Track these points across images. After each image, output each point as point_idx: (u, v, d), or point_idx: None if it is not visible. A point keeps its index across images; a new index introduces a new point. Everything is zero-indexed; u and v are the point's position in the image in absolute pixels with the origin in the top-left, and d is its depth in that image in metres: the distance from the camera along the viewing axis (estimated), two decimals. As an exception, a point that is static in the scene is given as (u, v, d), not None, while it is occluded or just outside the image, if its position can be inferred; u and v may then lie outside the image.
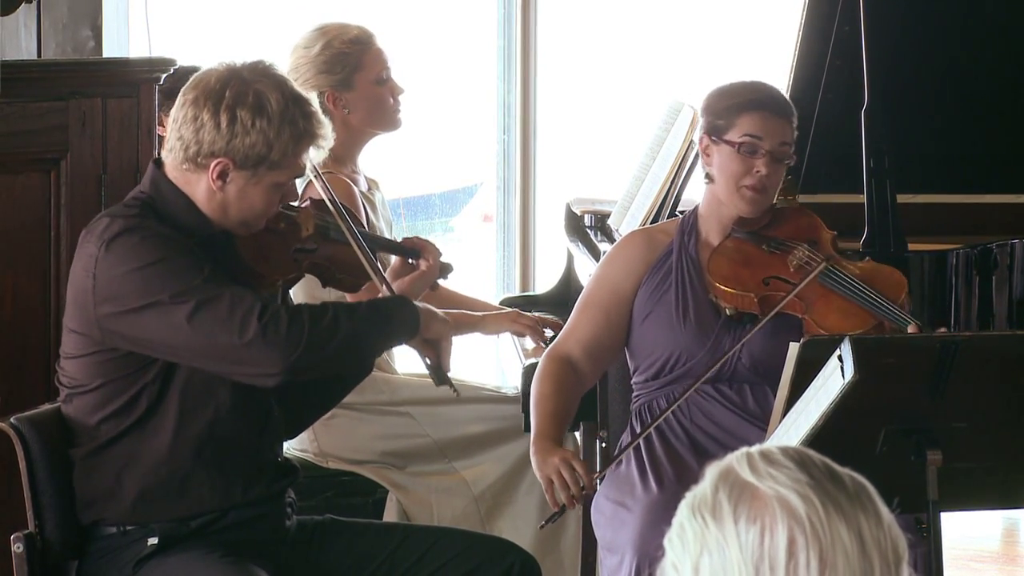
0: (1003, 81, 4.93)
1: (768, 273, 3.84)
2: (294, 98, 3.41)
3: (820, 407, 3.10)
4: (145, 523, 3.42)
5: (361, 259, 3.58)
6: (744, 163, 3.82)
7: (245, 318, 3.29)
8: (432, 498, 4.55)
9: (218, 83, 3.38)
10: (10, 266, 4.11)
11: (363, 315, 3.41)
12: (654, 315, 3.90)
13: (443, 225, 6.91)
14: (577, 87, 6.91)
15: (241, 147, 3.36)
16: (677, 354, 3.87)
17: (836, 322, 3.75)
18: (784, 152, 3.84)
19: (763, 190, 3.83)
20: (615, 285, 3.94)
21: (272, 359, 3.29)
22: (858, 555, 1.77)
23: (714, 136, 3.85)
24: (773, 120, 3.83)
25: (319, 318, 3.35)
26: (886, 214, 4.37)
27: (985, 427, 3.30)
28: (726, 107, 3.85)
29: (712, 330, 3.86)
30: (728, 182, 3.85)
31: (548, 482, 3.70)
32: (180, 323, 3.29)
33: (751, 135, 3.81)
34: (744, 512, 1.78)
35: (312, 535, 3.62)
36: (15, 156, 4.13)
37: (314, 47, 4.55)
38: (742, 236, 3.89)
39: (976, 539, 5.92)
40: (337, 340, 3.35)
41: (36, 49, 4.76)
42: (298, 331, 3.30)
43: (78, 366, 3.44)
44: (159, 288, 3.30)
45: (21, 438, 3.43)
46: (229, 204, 3.41)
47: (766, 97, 3.88)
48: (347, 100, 4.55)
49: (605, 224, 4.96)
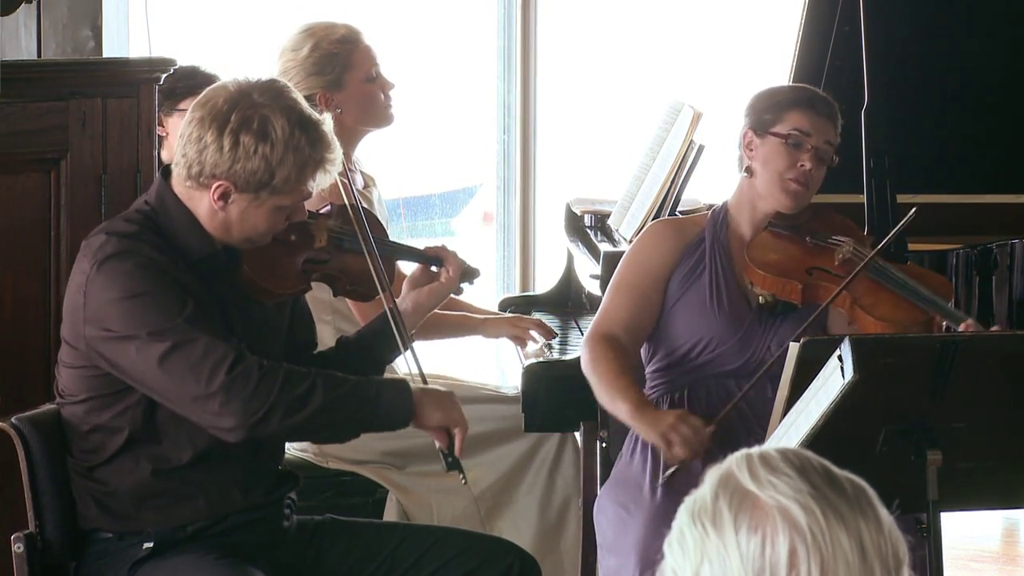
0: (1003, 81, 4.93)
1: (813, 264, 3.87)
2: (301, 124, 3.36)
3: (820, 407, 3.10)
4: (141, 531, 3.42)
5: (372, 274, 3.56)
6: (790, 156, 3.87)
7: (215, 368, 3.25)
8: (432, 498, 4.54)
9: (226, 104, 3.34)
10: (10, 266, 4.11)
11: (346, 392, 3.35)
12: (685, 300, 3.92)
13: (443, 226, 6.91)
14: (577, 87, 6.91)
15: (243, 172, 3.33)
16: (707, 340, 3.88)
17: (889, 312, 3.78)
18: (828, 151, 3.89)
19: (806, 185, 3.88)
20: (650, 267, 3.96)
21: (233, 414, 3.26)
22: (859, 563, 1.76)
23: (760, 130, 3.90)
24: (820, 119, 3.89)
25: (294, 384, 3.29)
26: (886, 214, 4.37)
27: (985, 427, 3.30)
28: (775, 103, 3.91)
29: (744, 318, 3.89)
30: (772, 175, 3.89)
31: (666, 442, 3.70)
32: (152, 361, 3.28)
33: (799, 130, 3.87)
34: (745, 521, 1.78)
35: (312, 535, 3.62)
36: (15, 156, 4.13)
37: (302, 49, 4.55)
38: (781, 230, 3.91)
39: (976, 539, 5.92)
40: (307, 412, 3.29)
41: (36, 49, 4.76)
42: (265, 392, 3.26)
43: (70, 376, 3.44)
44: (139, 323, 3.28)
45: (21, 438, 3.43)
46: (231, 224, 3.39)
47: (816, 97, 3.94)
48: (339, 100, 4.55)
49: (605, 224, 4.96)
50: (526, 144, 6.41)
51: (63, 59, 4.79)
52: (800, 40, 4.72)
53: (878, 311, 3.78)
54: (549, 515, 4.60)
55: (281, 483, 3.57)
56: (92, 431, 3.42)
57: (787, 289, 3.84)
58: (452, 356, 5.59)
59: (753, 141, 3.90)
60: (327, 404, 3.31)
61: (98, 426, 3.41)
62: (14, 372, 4.06)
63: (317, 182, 3.41)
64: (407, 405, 3.40)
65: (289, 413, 3.28)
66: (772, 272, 3.85)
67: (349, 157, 4.62)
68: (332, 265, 3.57)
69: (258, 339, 3.46)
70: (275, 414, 3.27)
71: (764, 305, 3.87)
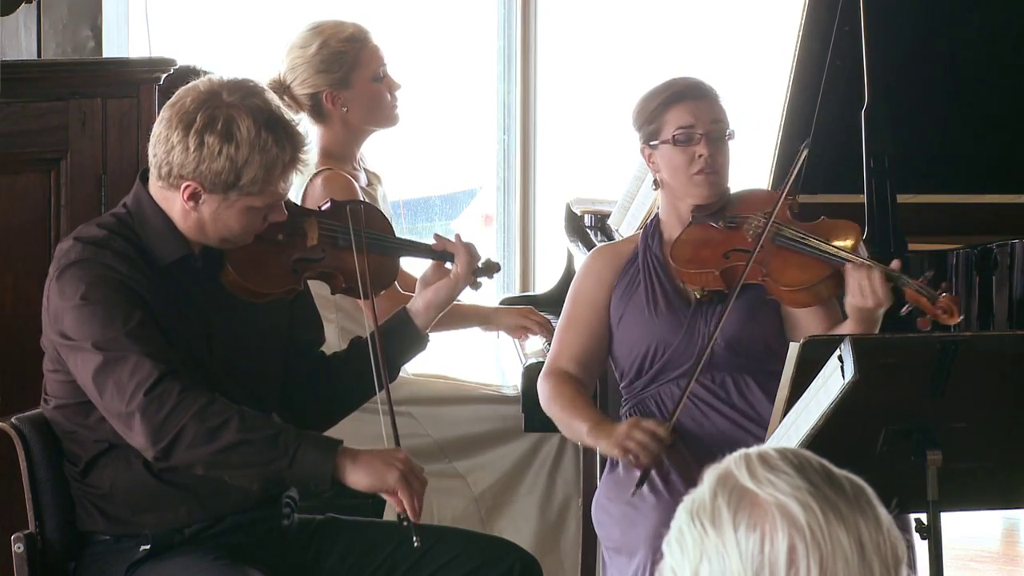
0: (1003, 81, 4.93)
1: (727, 247, 3.88)
2: (268, 124, 3.33)
3: (820, 407, 3.10)
4: (137, 534, 3.42)
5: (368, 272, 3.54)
6: (685, 153, 3.89)
7: (137, 387, 3.25)
8: (432, 498, 4.54)
9: (193, 104, 3.34)
10: (10, 266, 4.11)
11: (263, 437, 3.29)
12: (627, 314, 3.96)
13: (444, 227, 6.91)
14: (577, 87, 6.90)
15: (209, 172, 3.32)
16: (654, 346, 3.91)
17: (793, 276, 3.80)
18: (719, 129, 3.90)
19: (713, 170, 3.90)
20: (588, 298, 4.02)
21: (144, 436, 3.26)
22: (858, 560, 1.76)
23: (652, 142, 3.93)
24: (696, 104, 3.90)
25: (209, 415, 3.26)
26: (886, 214, 4.37)
27: (985, 427, 3.30)
28: (650, 112, 3.93)
29: (685, 316, 3.92)
30: (678, 176, 3.92)
31: (623, 451, 3.74)
32: (89, 373, 3.29)
33: (681, 126, 3.89)
34: (744, 519, 1.78)
35: (312, 534, 3.62)
36: (15, 156, 4.13)
37: (310, 47, 4.55)
38: (700, 220, 3.94)
39: (976, 539, 5.92)
40: (215, 446, 3.26)
41: (36, 49, 4.76)
42: (177, 419, 3.25)
43: (51, 380, 3.47)
44: (85, 332, 3.29)
45: (22, 438, 3.44)
46: (205, 224, 3.39)
47: (681, 87, 3.95)
48: (345, 99, 4.54)
49: (605, 224, 4.96)
50: (526, 144, 6.41)
51: (63, 59, 4.79)
52: (800, 40, 4.72)
53: (785, 277, 3.80)
54: (549, 515, 4.60)
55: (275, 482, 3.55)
56: (78, 434, 3.43)
57: (709, 279, 3.88)
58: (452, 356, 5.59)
59: (652, 155, 3.94)
60: (237, 443, 3.26)
61: (83, 428, 3.42)
62: (14, 372, 4.06)
63: (289, 183, 3.40)
64: (326, 467, 3.31)
65: (196, 443, 3.25)
66: (692, 267, 3.89)
67: (354, 155, 4.63)
68: (327, 263, 3.56)
69: (242, 342, 3.45)
70: (182, 441, 3.25)
71: (702, 298, 3.90)
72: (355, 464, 3.33)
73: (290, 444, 3.29)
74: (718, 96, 3.95)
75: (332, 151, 4.56)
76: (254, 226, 3.41)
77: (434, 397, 4.54)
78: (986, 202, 4.96)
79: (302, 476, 3.32)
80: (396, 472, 3.35)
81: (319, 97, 4.52)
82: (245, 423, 3.28)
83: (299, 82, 4.53)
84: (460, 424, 4.57)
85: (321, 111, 4.54)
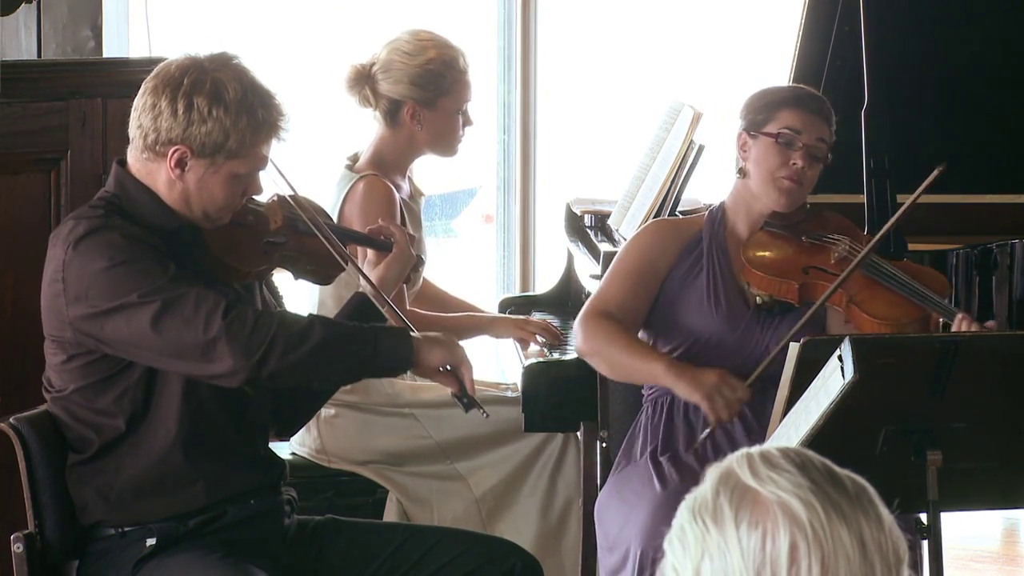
0: (1003, 81, 4.93)
1: (809, 263, 3.88)
2: (253, 88, 3.40)
3: (820, 407, 3.10)
4: (142, 523, 3.42)
5: (329, 248, 3.58)
6: (781, 155, 3.88)
7: (210, 315, 3.29)
8: (433, 499, 4.55)
9: (178, 71, 3.39)
10: (10, 266, 4.11)
11: (345, 332, 3.40)
12: (684, 297, 3.94)
13: (444, 227, 6.91)
14: (577, 87, 6.91)
15: (198, 135, 3.36)
16: (705, 339, 3.90)
17: (884, 310, 3.79)
18: (821, 149, 3.90)
19: (799, 183, 3.89)
20: (650, 259, 3.98)
21: (235, 356, 3.29)
22: (859, 559, 1.76)
23: (752, 131, 3.92)
24: (811, 117, 3.90)
25: (291, 322, 3.35)
26: (886, 214, 4.37)
27: (985, 427, 3.30)
28: (766, 103, 3.93)
29: (742, 318, 3.90)
30: (764, 174, 3.90)
31: (710, 400, 3.75)
32: (146, 323, 3.30)
33: (789, 128, 3.88)
34: (746, 517, 1.78)
35: (313, 535, 3.62)
36: (15, 156, 4.13)
37: (416, 57, 4.56)
38: (777, 229, 3.93)
39: (976, 539, 5.92)
40: (306, 347, 3.32)
41: (36, 49, 4.76)
42: (264, 332, 3.30)
43: (59, 373, 3.45)
44: (128, 288, 3.31)
45: (21, 438, 3.43)
46: (190, 194, 3.41)
47: (805, 95, 3.96)
48: (424, 117, 4.57)
49: (605, 224, 4.96)
50: (526, 144, 6.41)
51: (63, 59, 4.79)
52: (800, 40, 4.72)
53: (874, 308, 3.79)
54: (550, 517, 4.60)
55: (271, 466, 3.58)
56: (87, 421, 3.43)
57: (783, 289, 3.85)
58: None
59: (747, 142, 3.93)
60: (325, 341, 3.34)
61: (97, 413, 3.42)
62: (14, 372, 4.06)
63: (270, 148, 3.44)
64: (407, 346, 3.42)
65: (288, 349, 3.30)
66: (768, 272, 3.86)
67: (404, 168, 4.65)
68: (290, 246, 3.60)
69: None
70: (275, 351, 3.29)
71: (762, 305, 3.89)
72: (430, 344, 3.44)
73: (368, 335, 3.40)
74: (832, 119, 3.95)
75: (385, 157, 4.59)
76: (235, 198, 3.44)
77: (436, 399, 4.54)
78: (986, 202, 4.96)
79: (387, 361, 3.43)
80: (461, 348, 3.50)
81: (400, 105, 4.55)
82: (326, 323, 3.39)
83: (389, 83, 4.55)
84: (462, 425, 4.56)
85: (396, 118, 4.57)
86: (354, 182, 4.51)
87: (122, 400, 3.41)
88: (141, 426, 3.42)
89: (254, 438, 3.57)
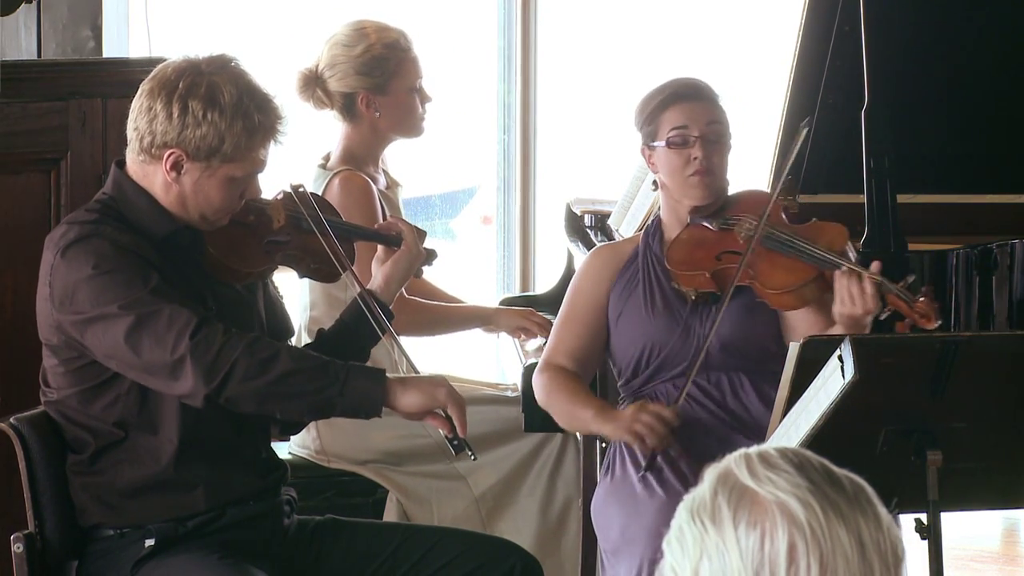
0: (1003, 81, 4.93)
1: (720, 249, 3.90)
2: (250, 91, 3.39)
3: (820, 407, 3.10)
4: (142, 525, 3.42)
5: (327, 251, 3.58)
6: (680, 155, 3.90)
7: (179, 334, 3.27)
8: (432, 498, 4.55)
9: (174, 74, 3.38)
10: (10, 266, 4.11)
11: (313, 366, 3.34)
12: (625, 313, 3.97)
13: (443, 226, 6.91)
14: (577, 87, 6.90)
15: (193, 138, 3.35)
16: (650, 346, 3.92)
17: (779, 279, 3.81)
18: (715, 131, 3.91)
19: (708, 172, 3.91)
20: (588, 295, 4.03)
21: (195, 378, 3.27)
22: (858, 559, 1.76)
23: (649, 143, 3.95)
24: (692, 105, 3.91)
25: (258, 348, 3.30)
26: (886, 214, 4.37)
27: (985, 427, 3.30)
28: (648, 113, 3.95)
29: (681, 316, 3.92)
30: (674, 179, 3.93)
31: (632, 433, 3.76)
32: (120, 336, 3.30)
33: (676, 127, 3.90)
34: (744, 517, 1.78)
35: (313, 535, 3.62)
36: (15, 156, 4.13)
37: (355, 47, 4.56)
38: (697, 221, 3.95)
39: (976, 539, 5.92)
40: (269, 377, 3.29)
41: (36, 49, 4.76)
42: (227, 355, 3.27)
43: (55, 376, 3.46)
44: (108, 298, 3.31)
45: (21, 438, 3.44)
46: (186, 197, 3.41)
47: (679, 88, 3.96)
48: (379, 104, 4.57)
49: (605, 224, 4.96)
50: (526, 144, 6.41)
51: (63, 59, 4.79)
52: (800, 40, 4.72)
53: (771, 280, 3.81)
54: (550, 517, 4.60)
55: (272, 469, 3.58)
56: (84, 424, 3.43)
57: (700, 280, 3.89)
58: (452, 356, 5.59)
59: (651, 156, 3.96)
60: (289, 372, 3.30)
61: (91, 418, 3.42)
62: (14, 372, 4.06)
63: (268, 151, 3.42)
64: (378, 389, 3.36)
65: (248, 376, 3.28)
66: (685, 268, 3.90)
67: (376, 158, 4.66)
68: (293, 245, 3.60)
69: (233, 316, 3.47)
70: (235, 375, 3.27)
71: (697, 300, 3.91)
72: (405, 388, 3.38)
73: (340, 372, 3.34)
74: (716, 97, 3.96)
75: (355, 152, 4.59)
76: (233, 201, 3.43)
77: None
78: (986, 202, 4.96)
79: (353, 403, 3.35)
80: (444, 389, 3.41)
81: (354, 97, 4.55)
82: (293, 354, 3.35)
83: (336, 79, 4.55)
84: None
85: (352, 111, 4.57)
86: (329, 179, 4.51)
87: (115, 407, 3.41)
88: (139, 432, 3.41)
89: (255, 440, 3.56)
